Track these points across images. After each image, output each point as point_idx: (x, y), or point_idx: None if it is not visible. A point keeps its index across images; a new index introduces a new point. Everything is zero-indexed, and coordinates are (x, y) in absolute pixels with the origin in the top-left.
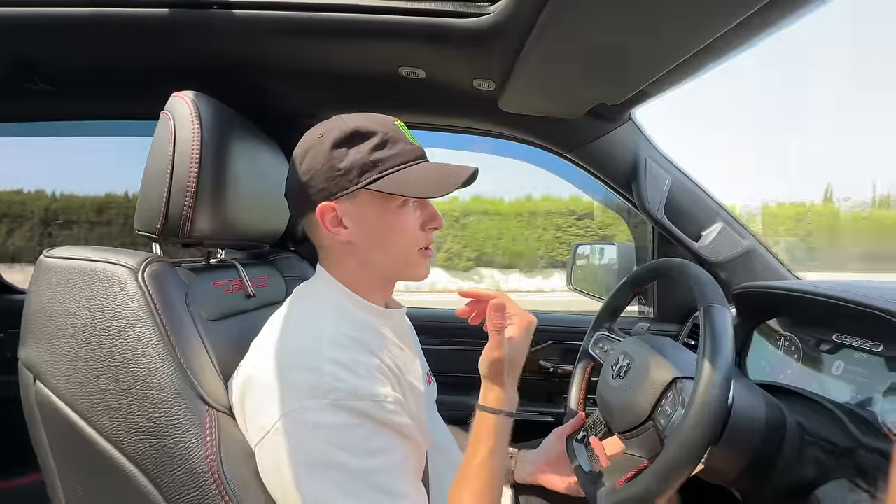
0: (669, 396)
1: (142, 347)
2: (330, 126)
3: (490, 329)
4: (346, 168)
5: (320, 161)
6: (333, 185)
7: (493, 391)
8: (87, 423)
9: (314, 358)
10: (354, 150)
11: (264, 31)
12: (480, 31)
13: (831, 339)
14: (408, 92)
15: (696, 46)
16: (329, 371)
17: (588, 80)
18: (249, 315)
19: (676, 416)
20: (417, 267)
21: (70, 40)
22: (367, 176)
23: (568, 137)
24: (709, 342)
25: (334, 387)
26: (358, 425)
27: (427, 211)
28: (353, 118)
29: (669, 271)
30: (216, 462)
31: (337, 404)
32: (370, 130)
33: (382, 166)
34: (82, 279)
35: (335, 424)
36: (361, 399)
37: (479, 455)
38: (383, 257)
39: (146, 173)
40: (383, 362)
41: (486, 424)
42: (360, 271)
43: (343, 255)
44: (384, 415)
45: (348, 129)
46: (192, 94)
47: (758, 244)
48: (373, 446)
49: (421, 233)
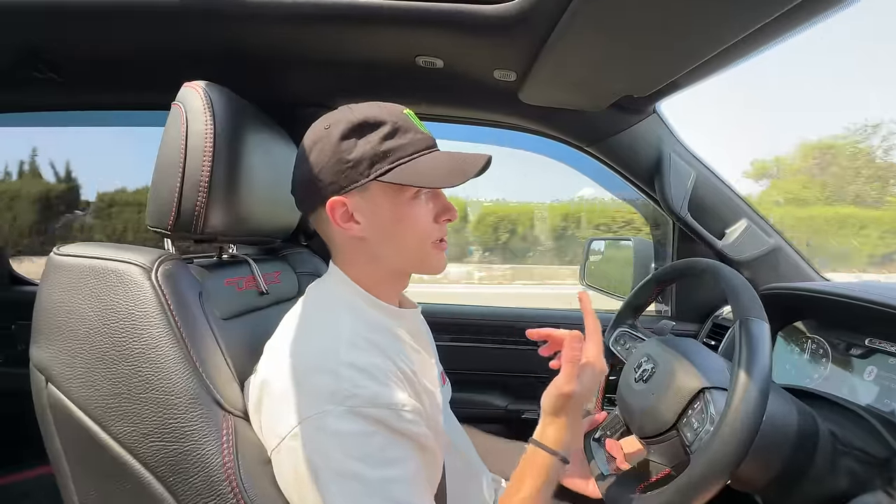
0: (697, 407)
1: (156, 350)
2: (337, 117)
3: (565, 360)
4: (355, 160)
5: (328, 154)
6: (343, 178)
7: (553, 428)
8: (101, 428)
9: (332, 361)
10: (364, 141)
11: (277, 18)
12: (505, 19)
13: (863, 343)
14: (424, 82)
15: (734, 38)
16: (347, 376)
17: (615, 71)
18: (263, 312)
19: (704, 431)
20: (432, 260)
21: (77, 28)
22: (378, 167)
23: (589, 130)
24: (745, 359)
25: (353, 393)
26: (374, 433)
27: (440, 202)
28: (360, 108)
29: (701, 273)
30: (233, 469)
31: (355, 411)
32: (379, 120)
33: (393, 157)
34: (94, 278)
35: (352, 432)
36: (379, 407)
37: (523, 491)
38: (397, 251)
39: (157, 167)
40: (399, 367)
41: (538, 461)
42: (373, 267)
43: (355, 250)
44: (401, 424)
45: (357, 120)
46: (203, 84)
47: (784, 243)
48: (389, 456)
49: (435, 225)
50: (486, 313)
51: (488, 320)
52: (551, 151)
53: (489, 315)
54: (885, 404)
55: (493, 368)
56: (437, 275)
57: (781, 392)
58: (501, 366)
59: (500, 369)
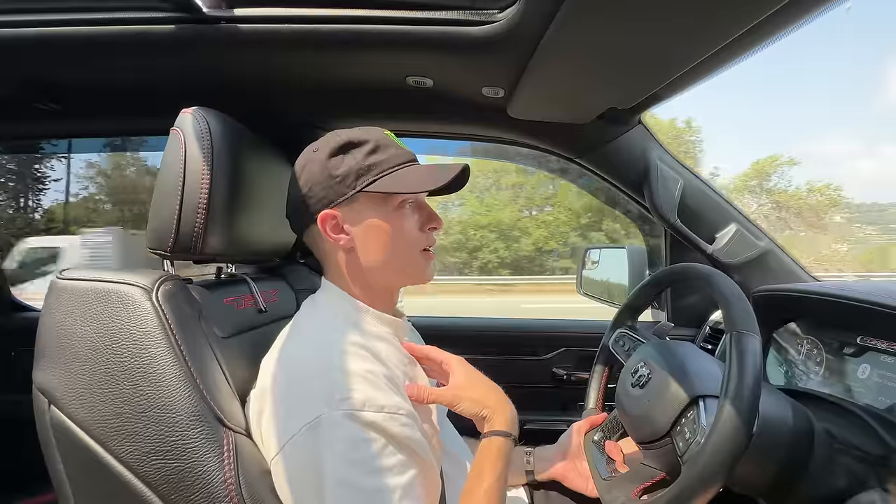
0: (690, 416)
1: (157, 370)
2: (325, 140)
3: None
4: (343, 174)
5: (318, 171)
6: (332, 192)
7: (494, 417)
8: (103, 448)
9: (326, 367)
10: (350, 157)
11: (271, 44)
12: (489, 39)
13: (855, 341)
14: (416, 101)
15: (709, 50)
16: (341, 380)
17: (598, 85)
18: (262, 330)
19: (695, 442)
20: (420, 268)
21: (77, 59)
22: (364, 179)
23: (578, 142)
24: (734, 374)
25: (347, 396)
26: (372, 439)
27: (425, 212)
28: (345, 132)
29: (695, 280)
30: (234, 485)
31: (350, 415)
32: (363, 139)
33: (377, 169)
34: (96, 301)
35: (347, 438)
36: (373, 410)
37: (485, 481)
38: (386, 261)
39: (157, 190)
40: (393, 373)
41: (493, 449)
42: (364, 279)
43: (346, 263)
44: (397, 428)
45: (342, 141)
46: (201, 110)
47: (774, 245)
48: (386, 464)
49: (421, 234)
50: (484, 325)
51: (487, 332)
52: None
53: (487, 327)
54: (879, 402)
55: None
56: (424, 283)
57: (776, 392)
58: (501, 377)
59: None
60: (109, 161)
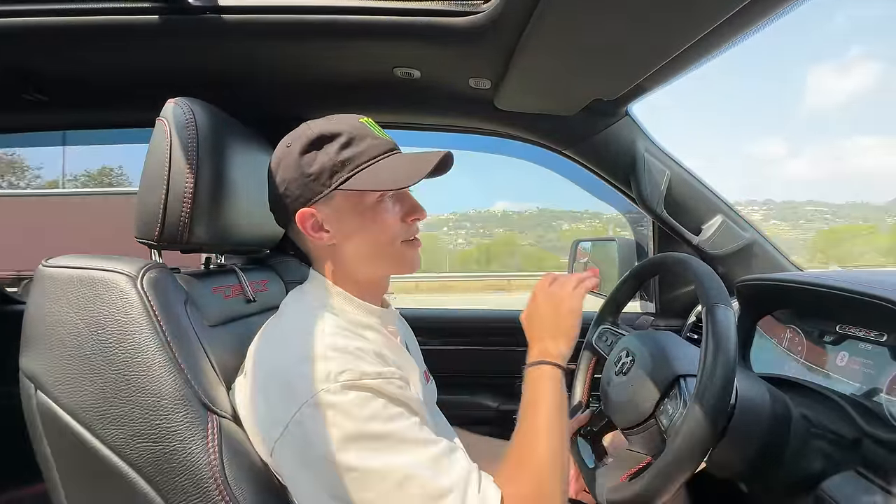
0: (672, 394)
1: (142, 355)
2: (297, 134)
3: None
4: (316, 172)
5: (292, 169)
6: (307, 190)
7: (538, 347)
8: (89, 432)
9: (319, 348)
10: (322, 153)
11: (257, 34)
12: (474, 30)
13: (835, 329)
14: (403, 92)
15: (691, 40)
16: (335, 357)
17: (582, 76)
18: (250, 320)
19: (678, 415)
20: (403, 259)
21: (63, 49)
22: (338, 177)
23: (565, 134)
24: (711, 343)
25: (343, 369)
26: (371, 398)
27: (407, 203)
28: (318, 123)
29: (672, 266)
30: (218, 467)
31: (348, 385)
32: (335, 132)
33: (351, 164)
34: (81, 288)
35: (351, 401)
36: (371, 378)
37: (540, 414)
38: (368, 255)
39: (143, 180)
40: (382, 351)
41: (544, 378)
42: (349, 272)
43: (330, 258)
44: (394, 389)
45: (314, 135)
46: (187, 100)
47: (759, 236)
48: (391, 412)
49: (403, 225)
50: (473, 316)
51: (476, 322)
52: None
53: (477, 318)
54: (856, 388)
55: (483, 370)
56: (410, 273)
57: (755, 378)
58: (491, 367)
59: (489, 371)
60: None
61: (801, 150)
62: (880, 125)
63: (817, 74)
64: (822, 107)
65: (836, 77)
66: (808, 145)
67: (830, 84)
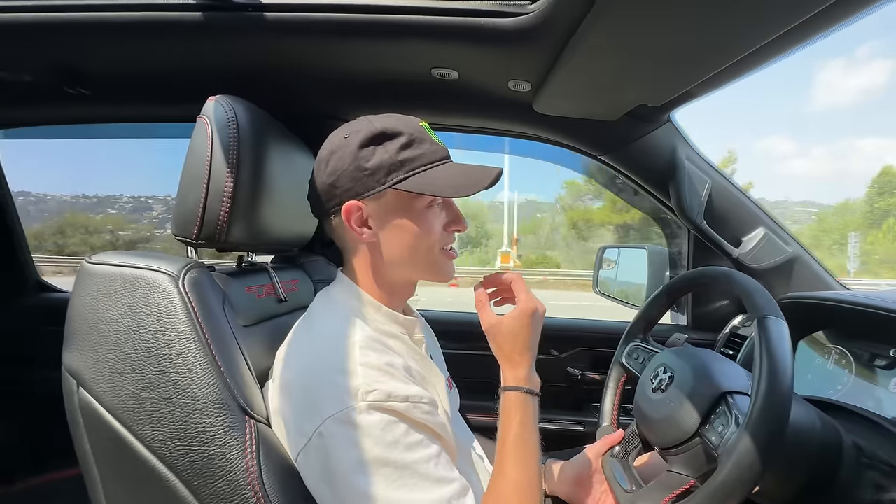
0: (719, 411)
1: (183, 357)
2: (356, 127)
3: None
4: (373, 168)
5: (347, 161)
6: (360, 185)
7: (506, 371)
8: (129, 432)
9: (349, 362)
10: (381, 150)
11: (297, 32)
12: (519, 32)
13: (888, 353)
14: (440, 93)
15: (751, 48)
16: (364, 374)
17: (629, 81)
18: (281, 319)
19: (730, 433)
20: (441, 267)
21: (105, 45)
22: (395, 176)
23: (604, 140)
24: (766, 355)
25: (371, 388)
26: (396, 422)
27: (452, 212)
28: (379, 119)
29: (714, 281)
30: (256, 473)
31: (374, 406)
32: (397, 131)
33: (409, 166)
34: (124, 286)
35: (375, 423)
36: (398, 400)
37: (511, 433)
38: (406, 258)
39: (183, 178)
40: (409, 364)
41: (508, 404)
42: (382, 273)
43: (366, 256)
44: (419, 415)
45: (376, 130)
46: (228, 98)
47: (803, 251)
48: (413, 440)
49: (444, 233)
50: None
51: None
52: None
53: None
54: None
55: None
56: (445, 282)
57: (804, 403)
58: None
59: None
60: None
61: (809, 150)
62: None
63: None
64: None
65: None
66: (816, 145)
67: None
